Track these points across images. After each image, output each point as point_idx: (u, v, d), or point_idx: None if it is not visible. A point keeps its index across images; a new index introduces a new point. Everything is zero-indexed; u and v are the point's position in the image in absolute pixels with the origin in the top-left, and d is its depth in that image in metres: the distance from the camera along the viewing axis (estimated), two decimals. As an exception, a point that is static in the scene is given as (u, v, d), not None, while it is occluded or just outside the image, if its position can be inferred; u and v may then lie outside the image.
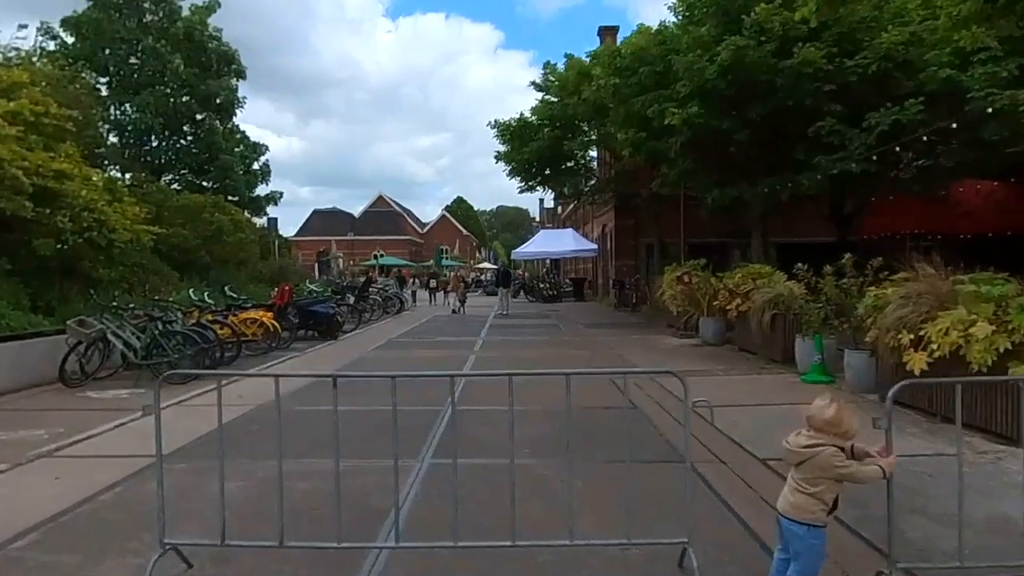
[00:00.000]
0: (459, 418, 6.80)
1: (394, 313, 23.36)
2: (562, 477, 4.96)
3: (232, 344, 10.85)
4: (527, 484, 4.80)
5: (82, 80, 16.56)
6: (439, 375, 7.59)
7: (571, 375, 3.80)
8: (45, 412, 7.47)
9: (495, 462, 5.41)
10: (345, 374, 4.88)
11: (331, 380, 3.97)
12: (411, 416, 7.06)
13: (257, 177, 24.30)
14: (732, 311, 11.66)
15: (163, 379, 8.66)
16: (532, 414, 6.98)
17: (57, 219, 10.49)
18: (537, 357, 12.13)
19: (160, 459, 3.48)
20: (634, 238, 26.99)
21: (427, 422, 6.72)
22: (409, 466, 5.30)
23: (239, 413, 7.24)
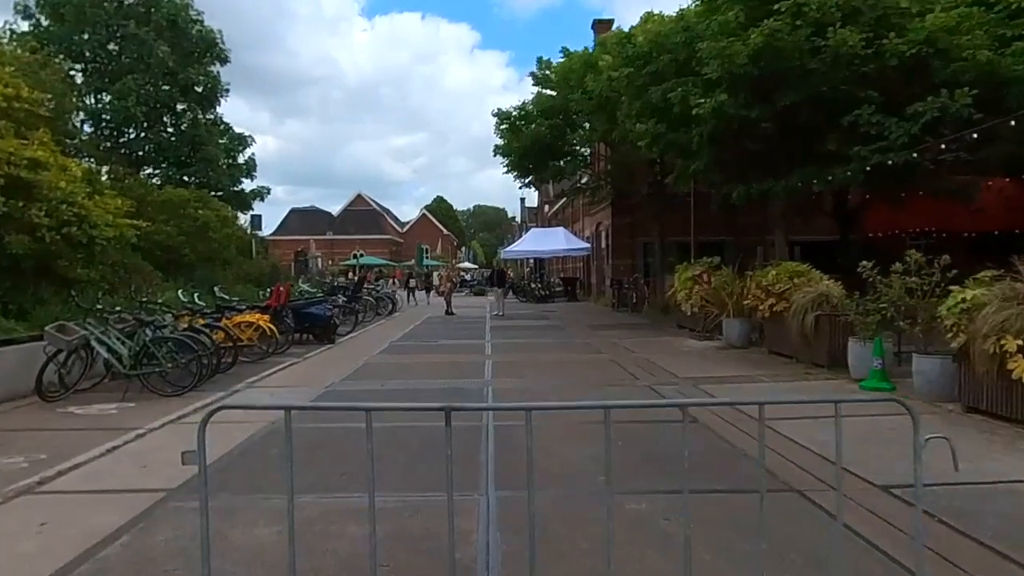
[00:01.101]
0: (505, 437, 6.00)
1: (386, 314, 22.42)
2: (668, 517, 4.17)
3: (228, 350, 9.89)
4: (630, 526, 3.99)
5: (54, 66, 15.34)
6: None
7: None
8: (21, 433, 6.47)
9: (573, 495, 4.57)
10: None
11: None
12: (435, 431, 6.21)
13: (242, 171, 23.12)
14: (764, 312, 10.96)
15: (155, 390, 7.72)
16: (586, 429, 6.16)
17: (32, 213, 9.42)
18: (558, 361, 11.32)
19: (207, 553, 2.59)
20: (631, 236, 26.30)
21: (471, 442, 5.85)
22: (472, 502, 4.44)
23: (250, 433, 6.31)
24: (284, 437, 2.49)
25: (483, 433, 6.23)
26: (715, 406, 6.17)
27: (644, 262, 26.15)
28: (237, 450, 5.70)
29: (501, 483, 4.82)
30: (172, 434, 6.37)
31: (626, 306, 24.15)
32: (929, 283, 7.48)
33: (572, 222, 39.63)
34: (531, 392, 8.54)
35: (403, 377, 9.72)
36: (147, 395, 8.19)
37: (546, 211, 49.72)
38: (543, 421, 6.56)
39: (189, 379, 8.43)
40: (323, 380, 9.41)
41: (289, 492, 2.52)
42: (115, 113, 19.79)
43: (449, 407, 2.48)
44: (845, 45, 10.62)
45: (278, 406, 2.28)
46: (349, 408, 3.70)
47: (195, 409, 7.44)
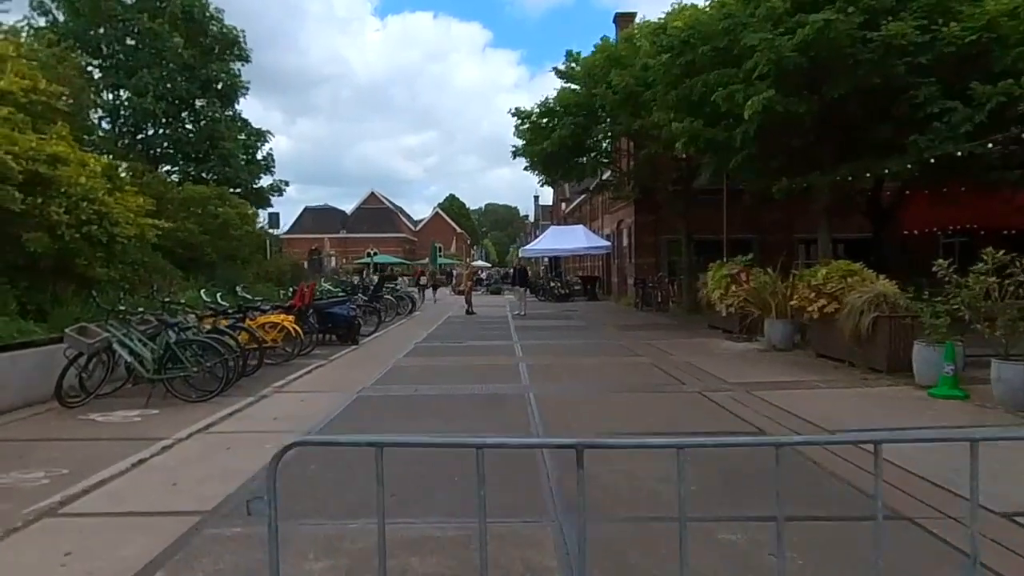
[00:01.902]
0: (566, 453, 5.38)
1: (406, 314, 21.98)
2: (773, 551, 3.66)
3: (252, 352, 9.47)
4: (727, 561, 3.50)
5: (72, 60, 15.00)
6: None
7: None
8: (41, 443, 6.06)
9: (653, 523, 4.03)
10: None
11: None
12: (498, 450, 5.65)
13: (260, 167, 22.73)
14: (813, 313, 10.39)
15: (179, 396, 7.30)
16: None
17: (51, 210, 9.03)
18: (595, 365, 10.82)
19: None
20: (655, 234, 25.71)
21: (527, 460, 5.35)
22: (541, 530, 3.96)
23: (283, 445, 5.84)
24: (376, 478, 2.00)
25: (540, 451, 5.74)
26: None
27: (668, 260, 25.59)
28: (273, 465, 5.23)
29: (570, 506, 4.33)
30: (201, 445, 5.93)
31: (650, 306, 23.59)
32: (1013, 283, 6.91)
33: (591, 220, 39.06)
34: (574, 400, 8.05)
35: (436, 381, 9.26)
36: (171, 400, 7.78)
37: (563, 209, 49.15)
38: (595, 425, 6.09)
39: (215, 384, 8.02)
40: (353, 384, 8.96)
41: (381, 550, 2.04)
42: (133, 109, 19.47)
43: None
44: (899, 34, 10.04)
45: (367, 442, 1.79)
46: (452, 445, 3.16)
47: (223, 416, 7.03)
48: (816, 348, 10.97)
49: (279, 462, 2.02)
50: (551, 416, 6.99)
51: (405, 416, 7.15)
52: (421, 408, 7.54)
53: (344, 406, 7.60)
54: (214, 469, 5.18)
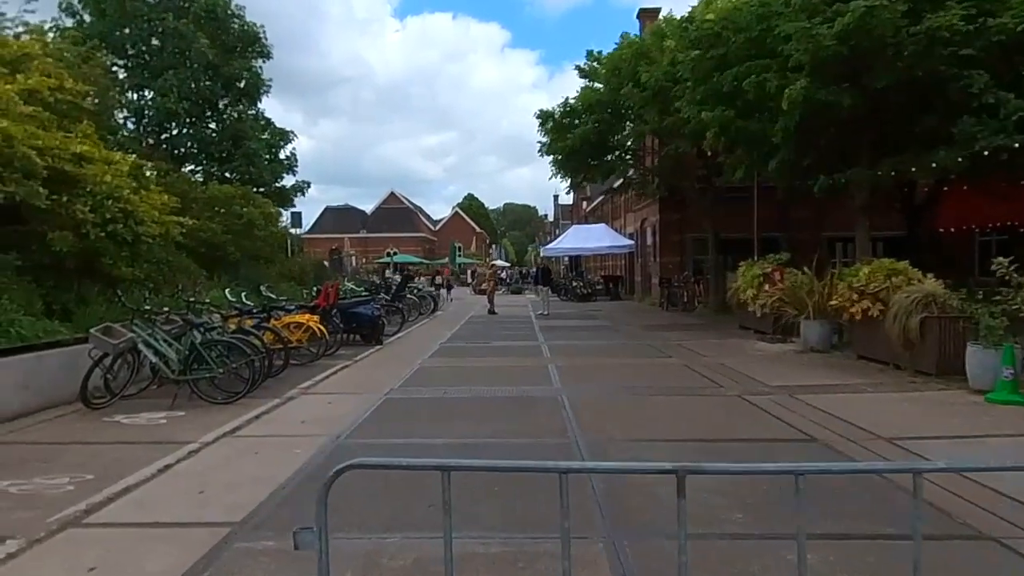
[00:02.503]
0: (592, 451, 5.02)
1: (428, 314, 21.80)
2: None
3: (278, 352, 9.30)
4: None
5: (98, 60, 14.99)
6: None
7: None
8: (66, 447, 5.90)
9: (723, 539, 3.70)
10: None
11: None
12: (524, 449, 5.43)
13: (283, 166, 22.68)
14: (855, 313, 9.99)
15: (205, 397, 7.13)
16: (692, 446, 5.30)
17: (76, 208, 8.93)
18: (626, 366, 10.51)
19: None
20: (680, 233, 25.29)
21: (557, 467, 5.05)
22: (591, 547, 3.68)
23: (313, 450, 5.64)
24: (442, 502, 1.74)
25: (575, 449, 5.46)
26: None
27: (693, 259, 25.16)
28: (303, 473, 5.02)
29: (616, 521, 4.05)
30: (228, 450, 5.73)
31: (676, 305, 23.18)
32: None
33: (612, 219, 38.69)
34: (609, 403, 7.76)
35: (464, 383, 9.01)
36: (197, 402, 7.61)
37: (584, 208, 48.71)
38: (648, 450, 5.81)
39: (241, 385, 7.84)
40: (380, 386, 8.74)
41: None
42: (157, 109, 19.48)
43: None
44: (944, 26, 9.61)
45: (433, 466, 1.51)
46: (532, 469, 2.84)
47: (249, 419, 6.84)
48: (858, 350, 10.56)
49: (329, 488, 1.75)
50: (587, 420, 6.71)
51: (435, 419, 6.91)
52: (451, 411, 7.30)
53: (372, 409, 7.38)
54: (242, 475, 4.97)
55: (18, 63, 10.66)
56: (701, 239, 24.35)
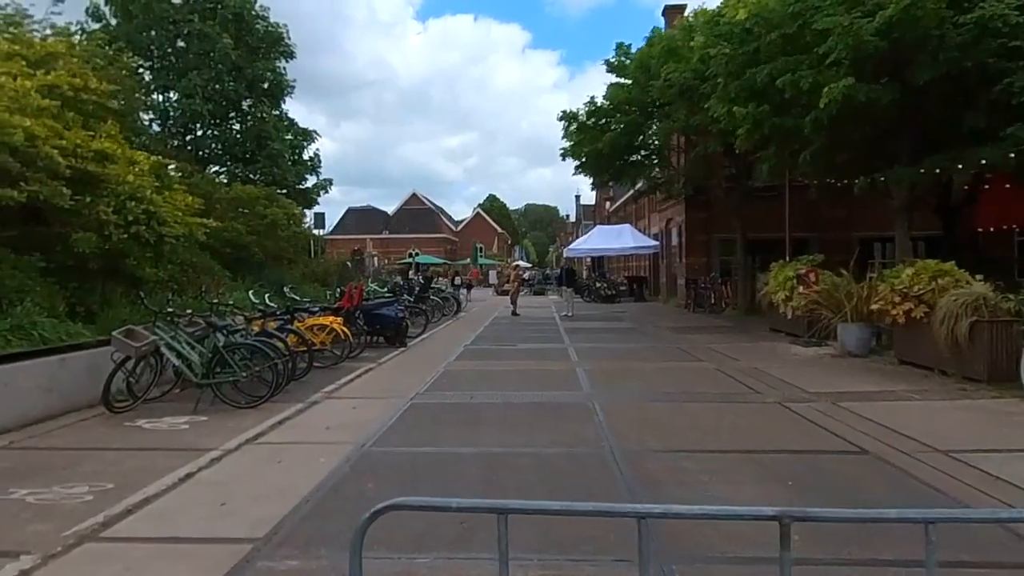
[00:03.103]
0: (638, 466, 4.43)
1: (452, 315, 21.62)
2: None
3: (302, 355, 9.13)
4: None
5: (124, 61, 15.01)
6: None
7: None
8: (87, 453, 5.75)
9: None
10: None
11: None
12: (558, 460, 4.80)
13: (307, 167, 22.64)
14: (898, 316, 9.57)
15: (228, 402, 6.96)
16: (768, 468, 4.93)
17: (99, 209, 8.84)
18: (657, 370, 10.18)
19: None
20: (706, 233, 24.82)
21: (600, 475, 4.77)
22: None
23: (338, 459, 5.42)
24: (499, 550, 1.48)
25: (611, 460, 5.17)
26: None
27: (720, 260, 24.69)
28: (327, 484, 4.80)
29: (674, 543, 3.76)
30: (251, 458, 5.54)
31: (702, 307, 22.74)
32: None
33: (636, 219, 38.21)
34: (642, 411, 7.45)
35: (491, 387, 8.77)
36: (219, 406, 7.45)
37: (607, 208, 48.22)
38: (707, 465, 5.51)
39: (264, 389, 7.67)
40: (405, 390, 8.53)
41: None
42: (182, 110, 19.53)
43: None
44: (997, 14, 9.16)
45: (487, 508, 1.24)
46: (605, 513, 2.68)
47: (272, 424, 6.66)
48: (899, 354, 10.13)
49: (364, 533, 1.50)
50: (621, 428, 6.42)
51: (463, 426, 6.67)
52: (479, 417, 7.05)
53: (398, 414, 7.16)
54: (265, 486, 4.77)
55: (44, 63, 10.64)
56: (728, 239, 23.88)
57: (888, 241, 19.49)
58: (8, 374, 6.57)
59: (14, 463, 5.43)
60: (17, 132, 7.96)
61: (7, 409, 6.48)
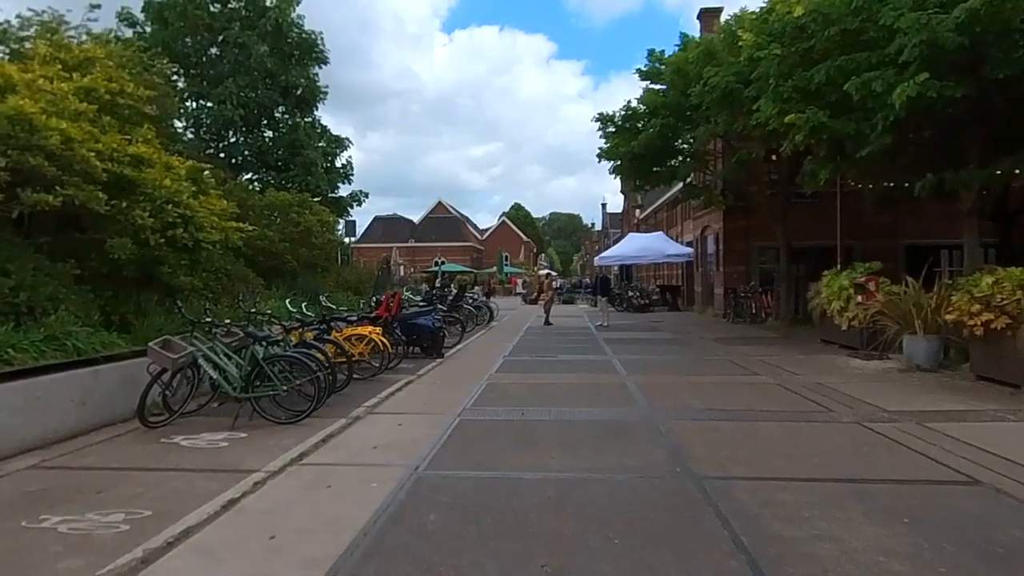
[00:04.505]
0: (742, 512, 3.84)
1: (484, 324, 21.16)
2: None
3: (341, 366, 8.72)
4: None
5: (159, 68, 14.88)
6: None
7: None
8: (122, 474, 5.36)
9: None
10: None
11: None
12: (635, 489, 4.09)
13: (339, 175, 22.41)
14: (976, 328, 8.89)
15: (267, 417, 6.54)
16: (873, 500, 4.33)
17: (135, 214, 8.55)
18: (713, 384, 9.59)
19: None
20: (745, 241, 24.08)
21: (692, 509, 4.22)
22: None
23: (391, 484, 4.96)
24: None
25: (697, 492, 4.62)
26: None
27: (759, 268, 23.94)
28: (384, 514, 4.33)
29: None
30: (297, 482, 5.09)
31: (742, 317, 22.01)
32: None
33: (668, 226, 37.48)
34: (712, 431, 6.88)
35: (541, 403, 8.26)
36: (258, 421, 7.05)
37: (636, 215, 47.55)
38: (794, 495, 4.94)
39: (304, 403, 7.27)
40: (451, 405, 8.07)
41: None
42: (215, 117, 19.41)
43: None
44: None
45: None
46: None
47: (316, 443, 6.22)
48: (976, 369, 9.42)
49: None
50: (694, 451, 5.87)
51: (520, 447, 6.17)
52: (534, 437, 6.54)
53: (448, 432, 6.69)
54: (316, 517, 4.31)
55: (81, 67, 10.45)
56: (768, 247, 23.12)
57: (936, 249, 18.70)
58: (41, 387, 6.23)
59: (47, 485, 5.06)
60: (54, 135, 7.70)
61: (39, 425, 6.14)
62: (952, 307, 9.39)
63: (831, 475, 5.18)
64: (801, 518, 4.20)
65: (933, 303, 10.35)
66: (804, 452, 5.94)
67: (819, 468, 5.39)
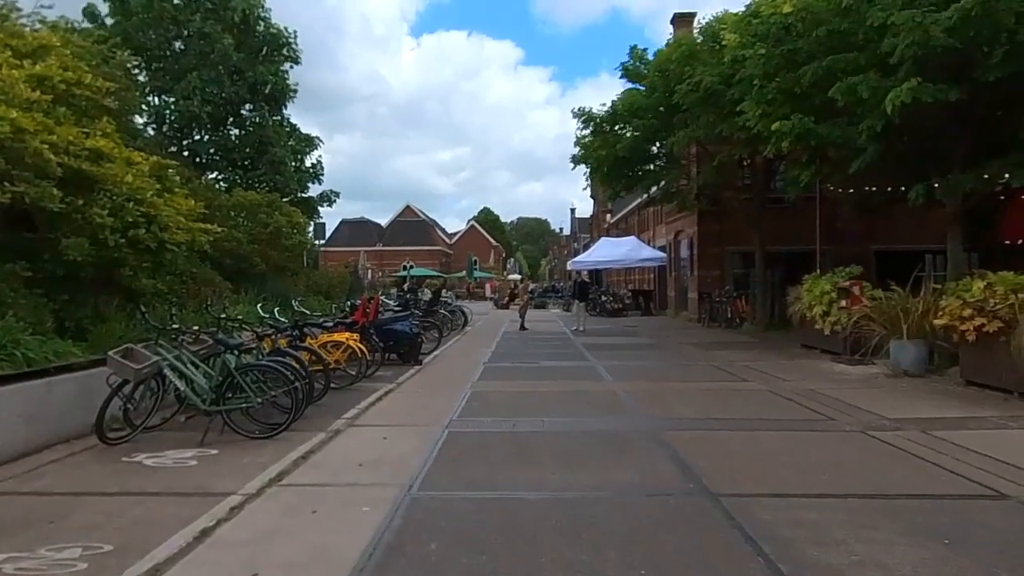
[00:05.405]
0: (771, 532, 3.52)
1: (459, 329, 20.71)
2: None
3: (318, 375, 8.21)
4: None
5: (120, 59, 14.10)
6: None
7: None
8: (78, 499, 4.80)
9: None
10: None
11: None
12: (649, 509, 3.67)
13: (309, 175, 21.72)
14: (969, 333, 8.78)
15: (240, 431, 6.03)
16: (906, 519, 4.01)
17: (93, 212, 7.90)
18: (704, 391, 9.33)
19: None
20: (719, 245, 24.08)
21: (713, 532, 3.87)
22: None
23: (384, 507, 4.51)
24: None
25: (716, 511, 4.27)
26: None
27: (733, 273, 23.94)
28: (381, 544, 3.89)
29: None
30: (278, 506, 4.61)
31: (717, 322, 21.94)
32: None
33: (640, 231, 37.48)
34: (715, 442, 6.58)
35: (531, 412, 7.88)
36: (230, 436, 6.51)
37: (607, 220, 47.55)
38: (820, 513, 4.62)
39: (279, 415, 6.77)
40: (436, 416, 7.64)
41: None
42: (179, 113, 18.59)
43: None
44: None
45: None
46: None
47: (295, 460, 5.73)
48: (966, 375, 9.33)
49: None
50: (703, 465, 5.52)
51: (517, 462, 5.77)
52: (530, 451, 6.15)
53: (438, 447, 6.25)
54: (302, 549, 3.85)
55: (34, 55, 9.73)
56: (743, 252, 23.15)
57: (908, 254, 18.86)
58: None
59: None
60: (2, 125, 7.05)
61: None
62: (942, 312, 9.27)
63: (851, 490, 4.89)
64: (835, 540, 3.88)
65: (921, 308, 10.26)
66: (814, 464, 5.66)
67: (836, 483, 5.10)
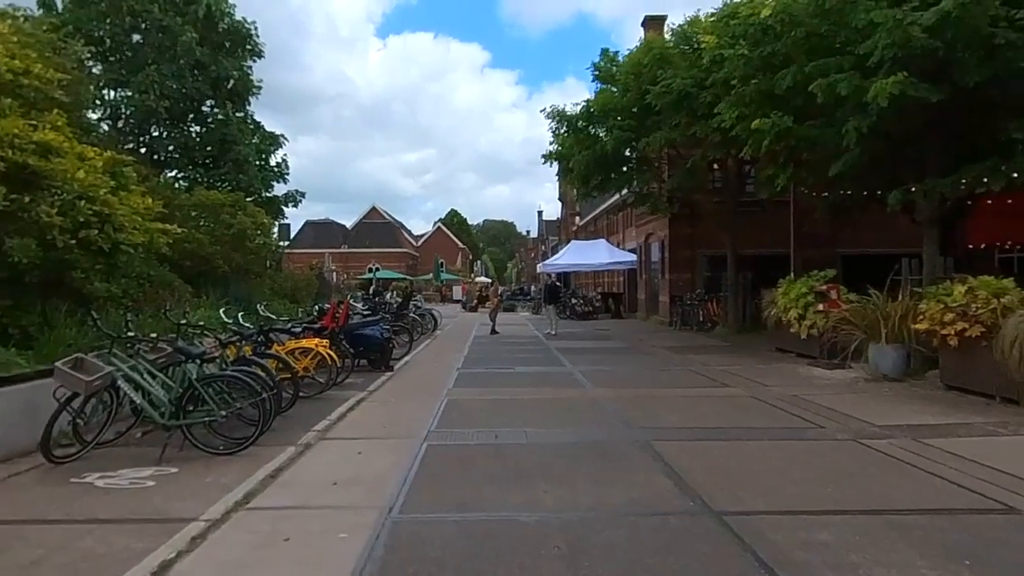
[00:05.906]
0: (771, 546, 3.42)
1: (429, 333, 20.26)
2: None
3: (286, 384, 7.75)
4: None
5: (72, 49, 13.37)
6: None
7: None
8: (17, 529, 4.31)
9: None
10: None
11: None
12: (651, 531, 4.21)
13: (274, 174, 21.03)
14: (951, 338, 8.73)
15: (201, 447, 5.57)
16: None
17: (41, 210, 7.32)
18: (685, 398, 9.11)
19: None
20: (691, 248, 24.08)
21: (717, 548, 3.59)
22: None
23: (364, 534, 4.13)
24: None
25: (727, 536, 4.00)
26: None
27: (704, 276, 23.95)
28: None
29: None
30: (246, 535, 4.19)
31: (688, 325, 21.91)
32: None
33: (609, 233, 37.45)
34: (708, 453, 6.33)
35: (512, 423, 7.53)
36: (191, 452, 6.02)
37: (576, 222, 47.53)
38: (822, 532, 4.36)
39: (245, 428, 6.30)
40: (412, 427, 7.26)
41: None
42: (135, 107, 17.78)
43: None
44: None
45: None
46: None
47: (263, 479, 5.29)
48: (947, 379, 9.29)
49: None
50: (699, 479, 5.26)
51: (505, 479, 5.42)
52: (516, 466, 5.80)
53: (417, 462, 5.87)
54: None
55: (-24, 42, 9.08)
56: (713, 255, 23.16)
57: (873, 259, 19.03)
58: (-85, 419, 5.07)
59: (-85, 548, 3.97)
60: (-63, 114, 6.46)
61: (-88, 466, 4.98)
62: (923, 316, 9.22)
63: (856, 506, 4.67)
64: (853, 564, 3.63)
65: (900, 312, 10.23)
66: (813, 477, 5.44)
67: (840, 497, 4.87)
